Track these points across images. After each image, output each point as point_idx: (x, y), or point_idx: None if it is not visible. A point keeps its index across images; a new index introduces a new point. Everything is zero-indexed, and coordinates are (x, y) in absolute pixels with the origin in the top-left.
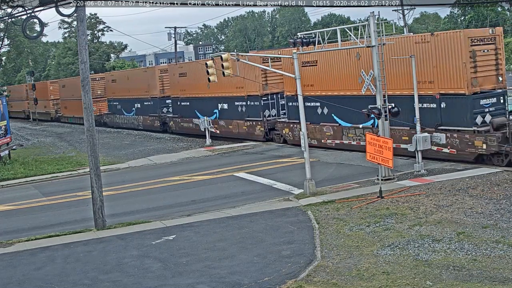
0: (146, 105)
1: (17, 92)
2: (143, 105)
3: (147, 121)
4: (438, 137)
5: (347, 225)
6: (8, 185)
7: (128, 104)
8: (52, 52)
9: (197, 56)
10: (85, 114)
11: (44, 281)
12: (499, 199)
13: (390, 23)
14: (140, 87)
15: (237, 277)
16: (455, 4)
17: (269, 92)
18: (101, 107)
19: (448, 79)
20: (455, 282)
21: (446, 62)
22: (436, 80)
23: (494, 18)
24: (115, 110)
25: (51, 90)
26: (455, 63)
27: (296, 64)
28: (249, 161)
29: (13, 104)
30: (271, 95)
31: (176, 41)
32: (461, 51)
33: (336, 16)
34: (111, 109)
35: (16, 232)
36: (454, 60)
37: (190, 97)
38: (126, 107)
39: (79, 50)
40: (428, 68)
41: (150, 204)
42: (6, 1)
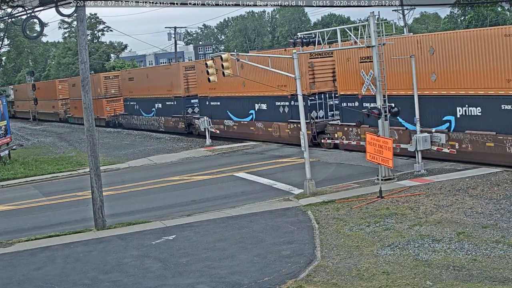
0: (168, 105)
1: (23, 92)
2: (165, 105)
3: (170, 122)
4: (438, 137)
5: (347, 225)
6: (8, 185)
7: (148, 104)
8: (52, 52)
9: (197, 56)
10: (85, 114)
11: (44, 281)
12: (499, 199)
13: (390, 23)
14: (161, 86)
15: (237, 277)
16: (455, 4)
17: (316, 91)
18: (116, 107)
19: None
20: (455, 282)
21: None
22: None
23: (494, 18)
24: (132, 110)
25: (60, 90)
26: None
27: (296, 64)
28: (249, 161)
29: (19, 104)
30: (319, 95)
31: (176, 41)
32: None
33: (336, 16)
34: (127, 110)
35: (16, 232)
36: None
37: (222, 96)
38: (145, 107)
39: (79, 50)
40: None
41: (150, 204)
42: (6, 1)
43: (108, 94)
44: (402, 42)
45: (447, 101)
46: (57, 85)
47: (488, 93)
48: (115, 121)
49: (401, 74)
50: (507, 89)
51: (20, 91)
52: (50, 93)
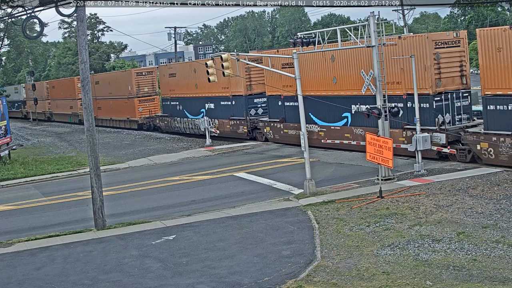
0: (223, 106)
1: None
2: (219, 106)
3: (226, 126)
4: (438, 137)
5: (347, 225)
6: (8, 185)
7: (195, 104)
8: (52, 52)
9: (197, 56)
10: (85, 114)
11: (44, 281)
12: (499, 199)
13: (390, 23)
14: (214, 83)
15: (237, 277)
16: (455, 4)
17: (443, 90)
18: (151, 108)
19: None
20: (455, 282)
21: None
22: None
23: (494, 18)
24: (173, 111)
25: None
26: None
27: (296, 64)
28: (249, 161)
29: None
30: (445, 94)
31: (176, 41)
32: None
33: (336, 16)
34: (167, 110)
35: (16, 232)
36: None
37: (305, 96)
38: (191, 108)
39: (79, 50)
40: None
41: (150, 204)
42: (6, 1)
43: (140, 93)
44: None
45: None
46: (75, 83)
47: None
48: (150, 123)
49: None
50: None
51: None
52: (67, 92)
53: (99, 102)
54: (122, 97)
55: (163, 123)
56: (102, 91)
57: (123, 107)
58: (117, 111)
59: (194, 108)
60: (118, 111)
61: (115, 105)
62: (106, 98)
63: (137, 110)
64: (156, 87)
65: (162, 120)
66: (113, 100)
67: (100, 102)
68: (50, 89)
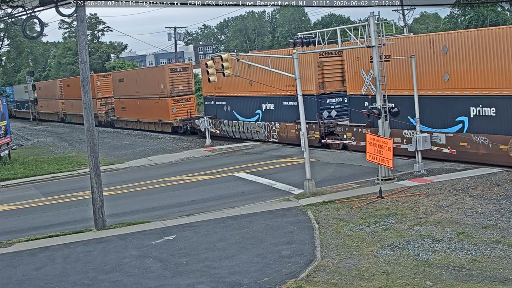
0: (287, 107)
1: (48, 90)
2: (280, 107)
3: (291, 130)
4: (438, 137)
5: (347, 225)
6: (8, 185)
7: (248, 104)
8: (52, 52)
9: (197, 56)
10: (85, 114)
11: (44, 281)
12: (499, 199)
13: (390, 23)
14: (274, 80)
15: (237, 277)
16: (455, 4)
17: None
18: (189, 108)
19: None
20: (455, 282)
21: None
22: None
23: (494, 18)
24: (219, 113)
25: (99, 86)
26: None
27: (296, 64)
28: (249, 161)
29: (42, 104)
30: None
31: (176, 41)
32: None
33: (336, 16)
34: (210, 112)
35: (16, 232)
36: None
37: (399, 96)
38: (243, 109)
39: (79, 50)
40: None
41: (150, 204)
42: (6, 1)
43: (175, 92)
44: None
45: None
46: (95, 81)
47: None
48: (186, 126)
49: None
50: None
51: (45, 89)
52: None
53: (123, 102)
54: (152, 96)
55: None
56: (128, 89)
57: (154, 108)
58: (146, 112)
59: (247, 109)
60: (148, 112)
61: (144, 105)
62: (132, 97)
63: (171, 111)
64: (192, 85)
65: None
66: (142, 100)
67: (125, 102)
68: (64, 87)
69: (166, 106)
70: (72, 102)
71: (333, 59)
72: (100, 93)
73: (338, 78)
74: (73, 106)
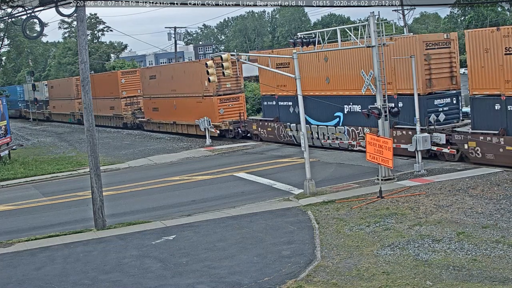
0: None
1: (62, 89)
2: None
3: (402, 138)
4: (438, 137)
5: (347, 225)
6: (8, 185)
7: (324, 105)
8: (52, 52)
9: (197, 56)
10: (85, 114)
11: (44, 281)
12: (499, 199)
13: (390, 23)
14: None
15: (237, 277)
16: (455, 4)
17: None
18: (239, 109)
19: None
20: (455, 282)
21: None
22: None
23: (494, 18)
24: (283, 115)
25: (124, 84)
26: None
27: (296, 64)
28: (249, 161)
29: (55, 105)
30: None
31: (176, 41)
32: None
33: (336, 16)
34: (270, 113)
35: (16, 232)
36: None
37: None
38: (318, 111)
39: (79, 50)
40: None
41: (150, 204)
42: (6, 1)
43: (221, 90)
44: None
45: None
46: (118, 78)
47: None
48: (238, 129)
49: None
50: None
51: (58, 88)
52: (107, 90)
53: (155, 101)
54: (193, 95)
55: (264, 130)
56: (161, 87)
57: (195, 109)
58: (185, 113)
59: (323, 111)
60: (187, 113)
61: (181, 105)
62: (167, 96)
63: (218, 112)
64: (241, 82)
65: (263, 126)
66: (179, 99)
67: (157, 102)
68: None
69: (211, 106)
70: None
71: (441, 51)
72: (124, 91)
73: (446, 74)
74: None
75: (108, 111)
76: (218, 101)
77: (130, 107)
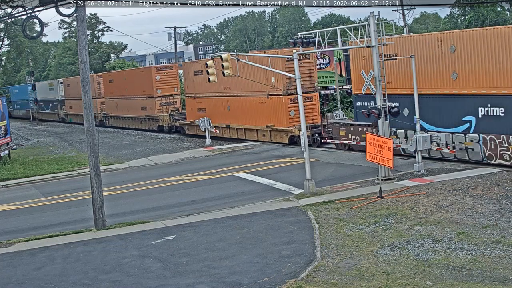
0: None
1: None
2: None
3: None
4: (438, 137)
5: (347, 225)
6: (8, 185)
7: (446, 106)
8: (52, 52)
9: (197, 56)
10: (85, 114)
11: (44, 281)
12: (499, 199)
13: (390, 23)
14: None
15: (237, 277)
16: (455, 4)
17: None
18: (312, 111)
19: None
20: (455, 282)
21: None
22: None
23: (494, 18)
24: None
25: (158, 82)
26: None
27: (296, 64)
28: (249, 161)
29: (72, 105)
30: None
31: (176, 41)
32: None
33: (336, 16)
34: (362, 116)
35: (16, 232)
36: None
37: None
38: (436, 114)
39: (79, 50)
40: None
41: (150, 204)
42: (6, 1)
43: (292, 87)
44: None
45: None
46: (153, 74)
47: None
48: (315, 136)
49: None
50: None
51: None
52: (138, 87)
53: (201, 101)
54: (254, 94)
55: (358, 136)
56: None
57: (256, 110)
58: (241, 115)
59: (447, 115)
60: (244, 115)
61: (237, 106)
62: (219, 95)
63: (288, 114)
64: (315, 79)
65: (355, 132)
66: (234, 99)
67: (204, 102)
68: (105, 83)
69: (278, 107)
70: (117, 102)
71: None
72: (159, 89)
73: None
74: (119, 107)
75: (138, 112)
76: (289, 101)
77: (166, 107)
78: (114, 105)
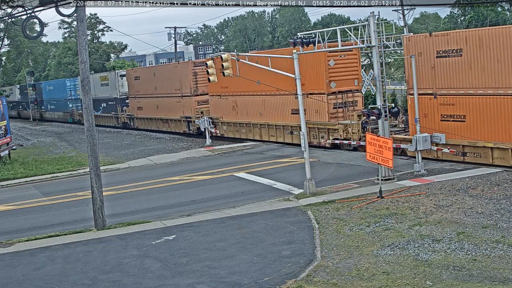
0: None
1: (163, 78)
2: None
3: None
4: (438, 137)
5: (347, 225)
6: (8, 185)
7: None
8: (52, 52)
9: (197, 56)
10: (85, 114)
11: (44, 281)
12: (499, 199)
13: (390, 23)
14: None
15: (237, 277)
16: (455, 4)
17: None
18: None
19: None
20: (455, 282)
21: None
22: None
23: (494, 18)
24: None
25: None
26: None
27: (296, 64)
28: (249, 161)
29: (143, 105)
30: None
31: (176, 41)
32: None
33: (336, 16)
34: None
35: (16, 232)
36: None
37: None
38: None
39: (79, 50)
40: None
41: (150, 204)
42: (6, 1)
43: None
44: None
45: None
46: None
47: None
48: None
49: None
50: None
51: (149, 81)
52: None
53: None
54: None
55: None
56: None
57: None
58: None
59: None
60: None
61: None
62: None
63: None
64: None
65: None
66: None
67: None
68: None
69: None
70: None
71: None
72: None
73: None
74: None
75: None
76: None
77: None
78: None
